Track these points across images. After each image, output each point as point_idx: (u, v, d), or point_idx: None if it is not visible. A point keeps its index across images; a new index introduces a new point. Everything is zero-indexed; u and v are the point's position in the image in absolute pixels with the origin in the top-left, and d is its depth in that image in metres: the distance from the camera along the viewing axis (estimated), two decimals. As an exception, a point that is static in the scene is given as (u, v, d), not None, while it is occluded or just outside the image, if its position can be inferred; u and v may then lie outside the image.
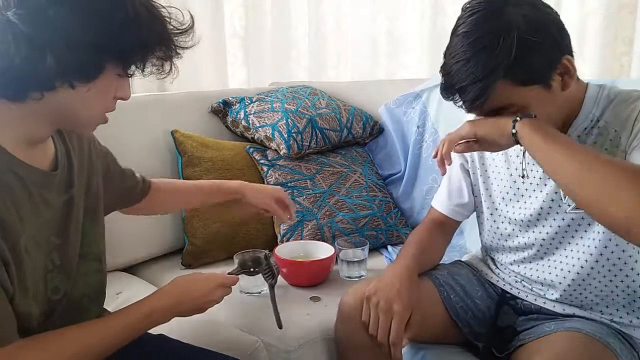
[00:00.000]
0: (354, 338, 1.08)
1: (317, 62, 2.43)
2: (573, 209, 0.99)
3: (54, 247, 0.81)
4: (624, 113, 0.92)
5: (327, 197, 1.66)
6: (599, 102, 0.95)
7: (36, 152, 0.79)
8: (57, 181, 0.82)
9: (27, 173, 0.76)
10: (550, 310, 1.06)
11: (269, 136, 1.72)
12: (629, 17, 1.68)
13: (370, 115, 1.93)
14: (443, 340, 1.14)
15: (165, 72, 0.81)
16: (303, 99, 1.83)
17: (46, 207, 0.79)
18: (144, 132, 1.60)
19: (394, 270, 1.06)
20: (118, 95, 0.80)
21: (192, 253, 1.54)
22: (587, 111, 0.96)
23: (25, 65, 0.67)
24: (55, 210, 0.82)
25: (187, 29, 0.79)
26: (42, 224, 0.79)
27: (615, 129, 0.92)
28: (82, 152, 0.91)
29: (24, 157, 0.75)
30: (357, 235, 1.62)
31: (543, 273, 1.07)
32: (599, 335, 0.95)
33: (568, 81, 0.91)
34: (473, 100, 0.88)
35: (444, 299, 1.12)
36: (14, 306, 0.73)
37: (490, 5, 0.87)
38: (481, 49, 0.85)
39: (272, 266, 1.15)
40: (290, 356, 1.15)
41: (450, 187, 1.22)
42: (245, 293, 1.35)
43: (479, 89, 0.86)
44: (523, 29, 0.84)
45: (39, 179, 0.78)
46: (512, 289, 1.12)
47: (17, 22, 0.65)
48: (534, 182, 1.05)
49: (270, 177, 1.67)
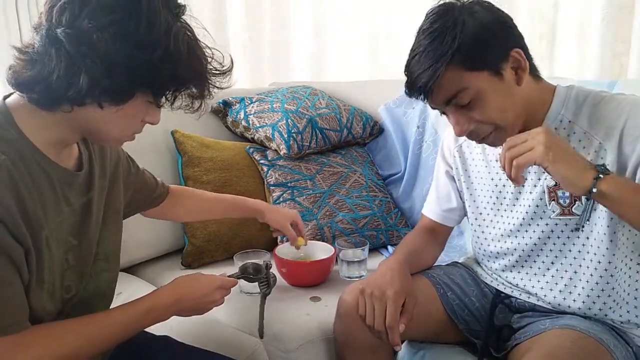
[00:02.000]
0: (352, 336, 1.08)
1: (317, 62, 2.43)
2: (558, 214, 1.00)
3: (70, 247, 0.83)
4: (604, 120, 0.94)
5: (327, 197, 1.66)
6: (568, 103, 0.99)
7: (64, 153, 0.82)
8: (80, 181, 0.85)
9: (55, 171, 0.79)
10: (544, 308, 1.07)
11: (269, 136, 1.72)
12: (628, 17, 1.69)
13: (370, 115, 1.93)
14: (442, 339, 1.15)
15: (194, 109, 0.84)
16: (303, 99, 1.83)
17: (67, 206, 0.82)
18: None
19: (386, 264, 1.09)
20: (147, 120, 0.82)
21: (192, 253, 1.54)
22: (555, 112, 0.99)
23: (61, 80, 0.70)
24: (74, 211, 0.84)
25: (225, 72, 0.82)
26: (62, 222, 0.81)
27: (598, 140, 0.94)
28: (103, 157, 0.93)
29: (53, 156, 0.79)
30: (357, 235, 1.62)
31: (530, 281, 1.08)
32: (592, 332, 0.95)
33: (522, 75, 0.95)
34: (425, 85, 0.93)
35: (440, 296, 1.13)
36: (28, 299, 0.75)
37: (444, 7, 0.96)
38: (431, 40, 0.94)
39: (270, 277, 1.19)
40: (290, 356, 1.15)
41: (439, 193, 1.25)
42: (246, 293, 1.35)
43: (430, 74, 0.92)
44: (470, 23, 0.92)
45: (64, 178, 0.81)
46: (506, 289, 1.13)
47: (64, 39, 0.68)
48: (518, 188, 1.06)
49: (270, 177, 1.67)
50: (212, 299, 0.96)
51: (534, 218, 1.04)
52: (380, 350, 1.08)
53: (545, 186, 1.01)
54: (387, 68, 2.28)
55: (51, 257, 0.78)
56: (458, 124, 0.97)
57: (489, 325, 1.11)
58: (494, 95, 0.93)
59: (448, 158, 1.22)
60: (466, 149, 1.18)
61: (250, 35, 2.34)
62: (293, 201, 1.63)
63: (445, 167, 1.23)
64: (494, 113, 0.94)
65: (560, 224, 1.01)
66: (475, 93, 0.93)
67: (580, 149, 0.96)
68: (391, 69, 2.27)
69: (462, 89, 0.93)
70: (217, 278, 0.99)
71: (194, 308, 0.95)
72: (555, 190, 1.00)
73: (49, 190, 0.78)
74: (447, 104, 0.96)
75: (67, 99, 0.72)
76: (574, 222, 0.99)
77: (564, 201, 1.00)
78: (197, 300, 0.94)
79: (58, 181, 0.79)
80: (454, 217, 1.25)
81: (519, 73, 0.95)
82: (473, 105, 0.94)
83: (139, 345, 0.99)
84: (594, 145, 0.95)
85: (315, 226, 1.60)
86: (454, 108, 0.96)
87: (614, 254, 0.97)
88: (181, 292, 0.92)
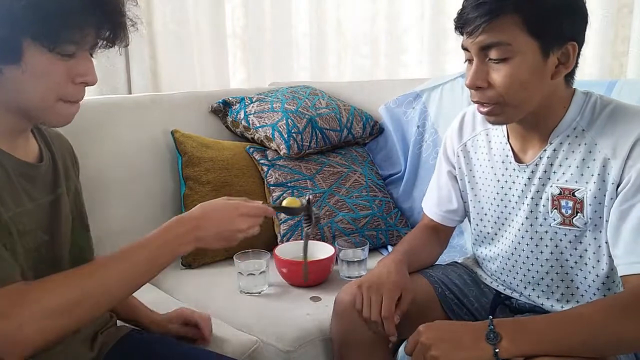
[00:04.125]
0: (349, 334, 1.08)
1: (317, 62, 2.43)
2: (559, 224, 0.99)
3: (42, 242, 0.81)
4: (615, 136, 0.91)
5: (327, 197, 1.66)
6: (584, 112, 0.96)
7: (18, 144, 0.79)
8: (42, 175, 0.82)
9: (9, 162, 0.76)
10: (543, 309, 1.06)
11: (269, 136, 1.72)
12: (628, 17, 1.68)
13: (370, 115, 1.93)
14: None
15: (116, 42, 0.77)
16: (303, 99, 1.83)
17: (30, 200, 0.79)
18: (143, 132, 1.60)
19: (383, 262, 1.10)
20: (78, 80, 0.76)
21: (192, 253, 1.51)
22: (570, 118, 0.97)
23: None
24: (39, 206, 0.81)
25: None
26: (24, 213, 0.77)
27: (607, 156, 0.91)
28: (64, 158, 0.92)
29: (6, 147, 0.76)
30: (357, 235, 1.62)
31: (525, 289, 1.08)
32: None
33: (561, 70, 0.92)
34: (477, 19, 0.89)
35: (438, 295, 1.13)
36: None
37: None
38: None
39: (312, 213, 1.02)
40: (290, 356, 1.15)
41: (440, 193, 1.24)
42: (246, 293, 1.35)
43: (486, 10, 0.88)
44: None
45: (20, 169, 0.78)
46: (506, 290, 1.13)
47: None
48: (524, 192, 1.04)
49: (270, 177, 1.67)
50: (235, 227, 0.86)
51: (534, 224, 1.03)
52: (377, 348, 1.08)
53: (550, 194, 0.99)
54: (387, 68, 2.28)
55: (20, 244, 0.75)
56: (475, 74, 0.93)
57: None
58: (527, 68, 0.90)
59: (451, 158, 1.21)
60: (471, 148, 1.16)
61: (250, 35, 2.34)
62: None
63: (448, 167, 1.22)
64: (514, 84, 0.91)
65: (559, 233, 0.99)
66: (514, 54, 0.89)
67: (590, 161, 0.94)
68: (391, 69, 2.27)
69: (506, 43, 0.89)
70: (241, 204, 0.88)
71: (217, 236, 0.85)
72: (559, 199, 0.98)
73: (4, 180, 0.75)
74: (481, 49, 0.92)
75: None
76: (574, 233, 0.97)
77: (565, 211, 0.98)
78: (218, 226, 0.84)
79: (14, 172, 0.76)
80: (455, 217, 1.24)
81: (560, 68, 0.92)
82: (502, 65, 0.90)
83: (138, 344, 0.99)
84: (600, 158, 0.92)
85: (315, 226, 1.60)
86: (483, 57, 0.92)
87: (612, 269, 0.95)
88: (200, 217, 0.83)
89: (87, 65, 0.76)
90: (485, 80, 0.93)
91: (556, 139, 0.98)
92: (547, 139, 0.99)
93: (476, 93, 0.95)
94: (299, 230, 1.58)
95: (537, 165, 1.01)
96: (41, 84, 0.73)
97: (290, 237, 1.57)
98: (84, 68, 0.75)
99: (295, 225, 1.59)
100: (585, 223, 0.95)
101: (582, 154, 0.95)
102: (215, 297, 1.35)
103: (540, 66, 0.90)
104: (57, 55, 0.72)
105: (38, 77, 0.72)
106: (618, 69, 1.74)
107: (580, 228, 0.96)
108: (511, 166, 1.06)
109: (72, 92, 0.76)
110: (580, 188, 0.95)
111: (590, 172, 0.94)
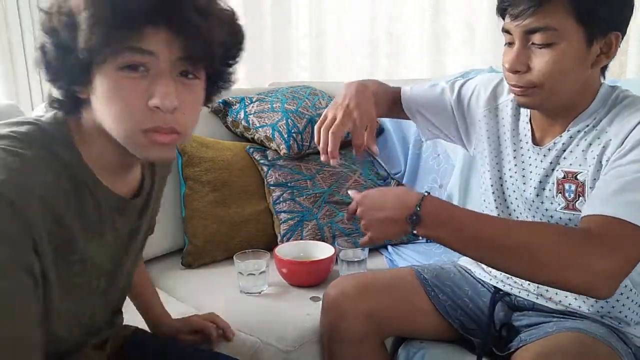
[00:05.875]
0: (338, 328, 1.09)
1: (317, 62, 2.43)
2: (563, 208, 0.98)
3: (105, 272, 0.79)
4: (622, 121, 0.91)
5: (327, 197, 1.66)
6: (607, 104, 0.95)
7: (120, 177, 0.77)
8: (133, 207, 0.82)
9: (106, 199, 0.74)
10: (544, 306, 1.06)
11: (269, 136, 1.72)
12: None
13: (370, 115, 1.93)
14: (441, 337, 1.15)
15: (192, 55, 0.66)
16: (303, 99, 1.83)
17: (112, 231, 0.78)
18: None
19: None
20: (152, 103, 0.65)
21: (192, 253, 1.54)
22: (594, 109, 0.95)
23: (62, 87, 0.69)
24: (118, 237, 0.80)
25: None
26: (102, 245, 0.76)
27: (610, 137, 0.91)
28: (162, 183, 0.91)
29: (107, 181, 0.74)
30: (357, 235, 1.62)
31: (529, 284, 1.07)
32: (600, 336, 0.94)
33: (602, 60, 0.91)
34: (524, 1, 0.87)
35: (431, 297, 1.13)
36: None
37: None
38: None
39: None
40: (290, 356, 1.15)
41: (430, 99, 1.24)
42: (246, 293, 1.35)
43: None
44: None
45: (115, 204, 0.76)
46: (505, 286, 1.12)
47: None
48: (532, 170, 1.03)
49: (270, 177, 1.67)
50: None
51: (540, 208, 1.01)
52: (366, 342, 1.09)
53: (555, 177, 0.98)
54: (387, 68, 2.28)
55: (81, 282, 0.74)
56: (517, 57, 0.91)
57: (488, 324, 1.10)
58: (571, 55, 0.88)
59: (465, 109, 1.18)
60: (501, 111, 1.12)
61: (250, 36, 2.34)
62: (293, 201, 1.63)
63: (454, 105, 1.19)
64: (555, 70, 0.89)
65: (564, 218, 0.98)
66: (560, 40, 0.87)
67: (595, 145, 0.93)
68: (391, 69, 2.27)
69: (554, 28, 0.87)
70: None
71: None
72: (563, 182, 0.97)
73: (96, 219, 0.73)
74: (526, 32, 0.89)
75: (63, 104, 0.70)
76: (577, 217, 0.95)
77: (569, 195, 0.97)
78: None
79: (106, 206, 0.75)
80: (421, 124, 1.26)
81: (601, 57, 0.91)
82: (547, 50, 0.88)
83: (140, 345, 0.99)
84: (604, 142, 0.92)
85: (315, 226, 1.60)
86: (525, 41, 0.90)
87: None
88: None
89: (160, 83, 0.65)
90: (525, 65, 0.91)
91: (574, 127, 0.96)
92: (566, 127, 0.98)
93: (514, 76, 0.93)
94: (299, 231, 1.58)
95: (549, 150, 1.00)
96: (114, 109, 0.65)
97: (291, 237, 1.57)
98: (154, 88, 0.65)
99: (295, 226, 1.59)
100: None
101: (590, 139, 0.94)
102: (215, 297, 1.35)
103: (583, 54, 0.89)
104: (120, 72, 0.64)
105: (108, 100, 0.65)
106: (618, 69, 1.74)
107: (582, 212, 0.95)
108: (527, 145, 1.05)
109: (149, 118, 0.66)
110: (582, 171, 0.94)
111: (592, 155, 0.93)
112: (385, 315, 1.10)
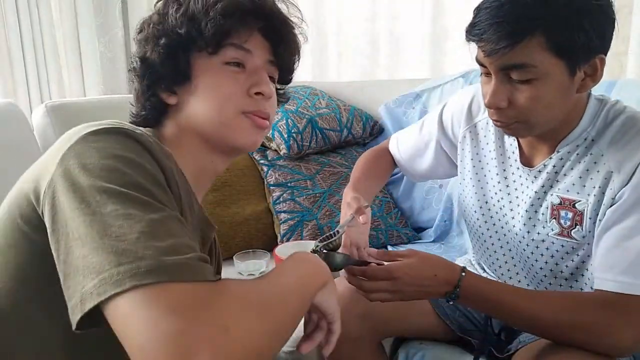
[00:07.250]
0: None
1: (317, 62, 2.43)
2: (556, 234, 0.95)
3: None
4: (624, 150, 0.87)
5: (327, 197, 1.66)
6: (596, 122, 0.91)
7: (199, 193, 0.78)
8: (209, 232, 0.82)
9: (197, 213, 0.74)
10: None
11: (269, 136, 1.72)
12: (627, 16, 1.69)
13: (370, 115, 1.93)
14: (439, 337, 1.15)
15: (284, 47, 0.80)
16: (303, 99, 1.84)
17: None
18: None
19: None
20: (252, 91, 0.73)
21: (192, 253, 1.54)
22: (582, 128, 0.92)
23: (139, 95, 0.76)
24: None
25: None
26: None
27: (611, 169, 0.87)
28: None
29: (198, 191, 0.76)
30: (357, 235, 1.62)
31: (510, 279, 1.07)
32: None
33: (588, 84, 0.86)
34: (499, 41, 0.81)
35: (431, 301, 1.13)
36: None
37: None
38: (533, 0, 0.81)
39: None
40: (290, 356, 1.16)
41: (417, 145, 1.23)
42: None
43: (510, 32, 0.81)
44: (578, 2, 0.80)
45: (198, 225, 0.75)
46: None
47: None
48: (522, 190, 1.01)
49: (270, 177, 1.67)
50: None
51: (531, 232, 0.99)
52: (362, 342, 1.08)
53: (550, 202, 0.95)
54: (387, 68, 2.28)
55: None
56: (495, 94, 0.86)
57: (486, 325, 1.10)
58: (553, 88, 0.83)
59: (450, 136, 1.16)
60: (481, 130, 1.09)
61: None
62: (293, 201, 1.63)
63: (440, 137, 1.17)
64: (539, 105, 0.84)
65: (556, 244, 0.96)
66: (540, 76, 0.82)
67: (593, 172, 0.90)
68: (391, 69, 2.27)
69: (532, 65, 0.82)
70: None
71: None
72: (559, 209, 0.94)
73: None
74: (501, 69, 0.85)
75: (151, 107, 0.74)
76: (571, 245, 0.94)
77: (564, 222, 0.94)
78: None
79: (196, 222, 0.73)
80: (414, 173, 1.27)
81: (587, 81, 0.85)
82: (527, 86, 0.84)
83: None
84: (603, 171, 0.88)
85: (315, 226, 1.60)
86: (503, 77, 0.85)
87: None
88: None
89: (259, 75, 0.75)
90: (505, 100, 0.86)
91: (564, 148, 0.93)
92: (555, 147, 0.95)
93: (495, 112, 0.89)
94: (299, 231, 1.58)
95: (540, 172, 0.97)
96: (215, 96, 0.72)
97: (291, 237, 1.58)
98: (256, 78, 0.74)
99: (295, 226, 1.59)
100: (583, 236, 0.92)
101: (586, 164, 0.91)
102: (215, 297, 1.35)
103: (566, 85, 0.84)
104: (225, 65, 0.73)
105: (210, 90, 0.72)
106: (618, 69, 1.74)
107: (578, 241, 0.93)
108: (515, 164, 1.02)
109: (250, 102, 0.74)
110: (581, 200, 0.91)
111: (592, 184, 0.90)
112: (382, 316, 1.10)
